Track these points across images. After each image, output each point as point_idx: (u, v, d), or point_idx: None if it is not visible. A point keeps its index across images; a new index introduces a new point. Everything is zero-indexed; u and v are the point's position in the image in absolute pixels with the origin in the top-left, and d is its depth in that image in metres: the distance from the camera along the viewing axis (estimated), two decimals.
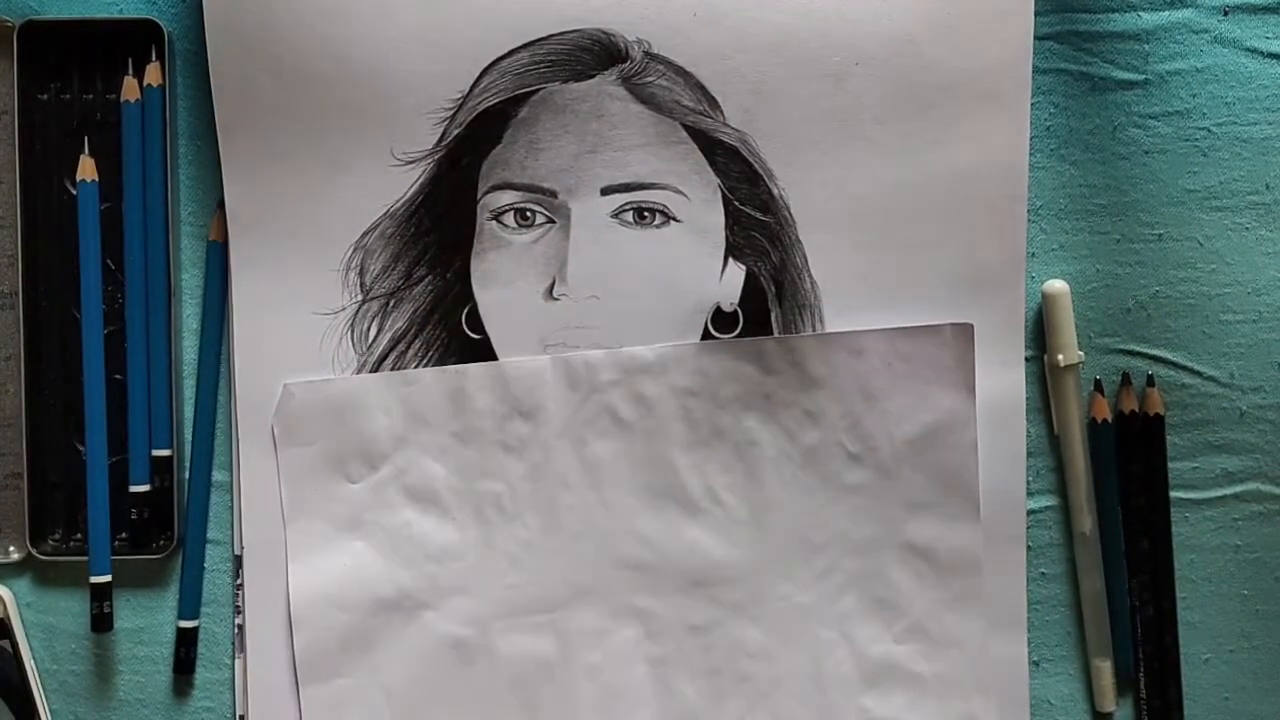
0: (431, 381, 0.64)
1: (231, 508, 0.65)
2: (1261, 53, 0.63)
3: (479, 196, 0.64)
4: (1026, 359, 0.64)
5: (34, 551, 0.64)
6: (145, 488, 0.64)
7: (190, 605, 0.65)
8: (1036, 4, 0.62)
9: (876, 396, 0.63)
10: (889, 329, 0.63)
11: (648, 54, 0.63)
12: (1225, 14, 0.63)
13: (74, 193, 0.63)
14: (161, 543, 0.64)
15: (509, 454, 0.64)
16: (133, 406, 0.64)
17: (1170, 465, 0.64)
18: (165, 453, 0.64)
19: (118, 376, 0.64)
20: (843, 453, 0.64)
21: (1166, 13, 0.63)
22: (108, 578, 0.64)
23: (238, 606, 0.65)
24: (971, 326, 0.63)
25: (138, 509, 0.64)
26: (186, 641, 0.65)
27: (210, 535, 0.65)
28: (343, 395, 0.64)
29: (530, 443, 0.64)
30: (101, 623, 0.64)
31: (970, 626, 0.64)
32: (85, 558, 0.64)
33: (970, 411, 0.63)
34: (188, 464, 0.65)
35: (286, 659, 0.64)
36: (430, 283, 0.64)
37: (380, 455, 0.64)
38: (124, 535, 0.65)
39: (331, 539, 0.64)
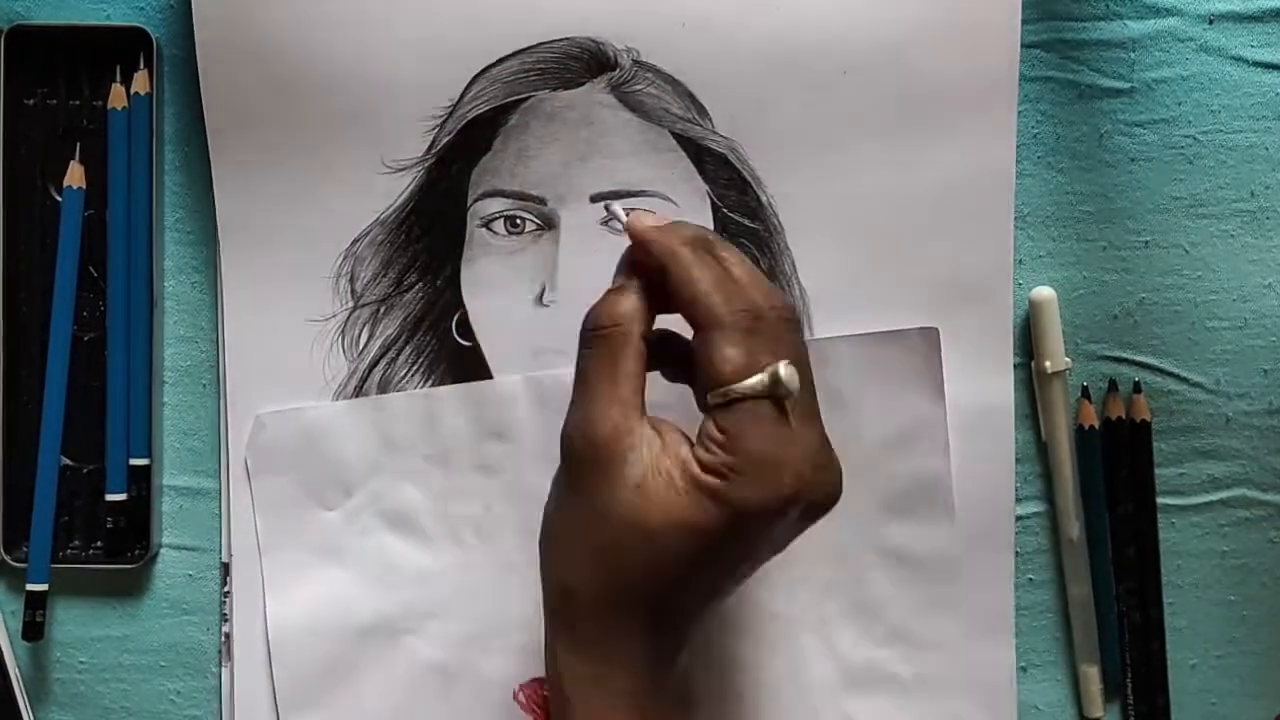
0: (403, 406, 0.64)
1: (220, 514, 0.64)
2: (1246, 61, 0.64)
3: (469, 204, 0.64)
4: (1014, 366, 0.64)
5: (7, 559, 0.64)
6: (122, 496, 0.63)
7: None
8: (1023, 12, 0.62)
9: (846, 403, 0.63)
10: (855, 335, 0.63)
11: (636, 62, 0.63)
12: (1210, 22, 0.64)
13: (58, 199, 0.63)
14: (137, 551, 0.64)
15: (484, 475, 0.64)
16: (111, 414, 0.63)
17: (1157, 471, 0.65)
18: (143, 461, 0.63)
19: (95, 384, 0.64)
20: None
21: (1152, 21, 0.63)
22: (45, 586, 0.63)
23: (224, 615, 0.64)
24: (937, 330, 0.62)
25: (114, 518, 0.63)
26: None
27: (195, 543, 0.65)
28: (314, 423, 0.64)
29: (505, 463, 0.64)
30: (32, 631, 0.63)
31: (950, 628, 0.64)
32: (65, 565, 0.63)
33: (940, 415, 0.63)
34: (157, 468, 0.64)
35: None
36: (421, 290, 0.64)
37: (355, 481, 0.64)
38: (99, 544, 0.64)
39: (309, 568, 0.64)
